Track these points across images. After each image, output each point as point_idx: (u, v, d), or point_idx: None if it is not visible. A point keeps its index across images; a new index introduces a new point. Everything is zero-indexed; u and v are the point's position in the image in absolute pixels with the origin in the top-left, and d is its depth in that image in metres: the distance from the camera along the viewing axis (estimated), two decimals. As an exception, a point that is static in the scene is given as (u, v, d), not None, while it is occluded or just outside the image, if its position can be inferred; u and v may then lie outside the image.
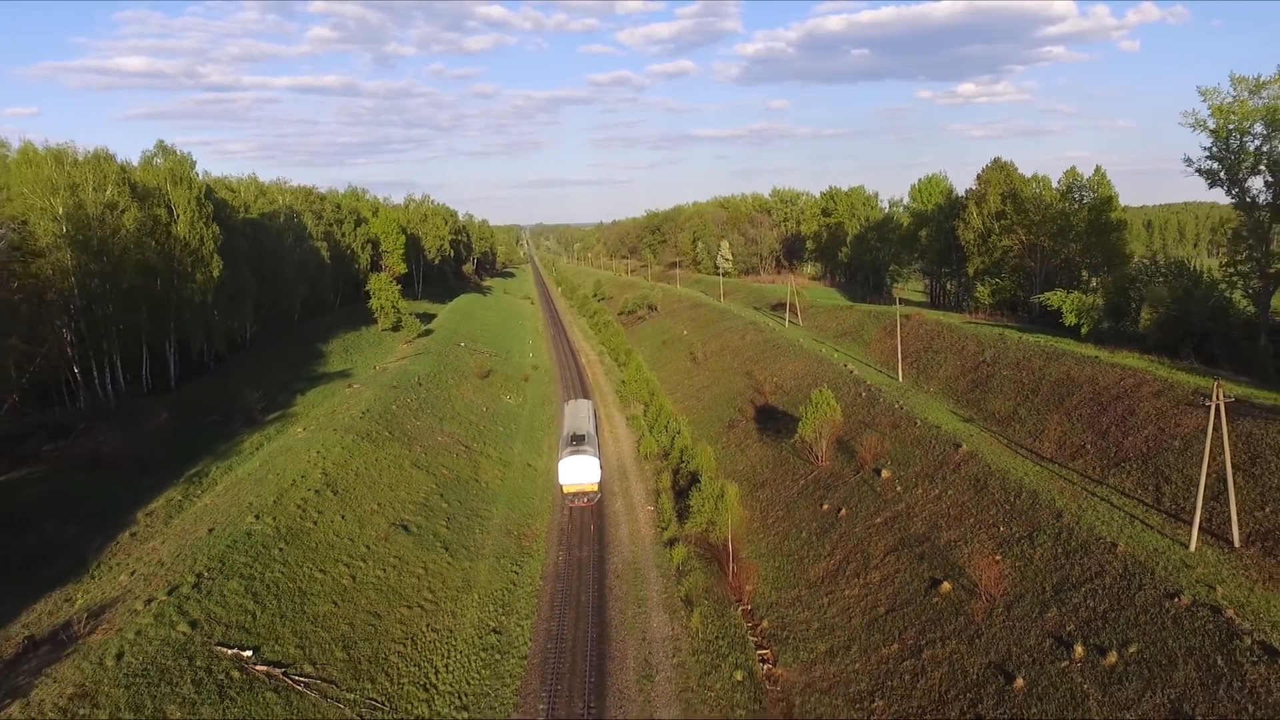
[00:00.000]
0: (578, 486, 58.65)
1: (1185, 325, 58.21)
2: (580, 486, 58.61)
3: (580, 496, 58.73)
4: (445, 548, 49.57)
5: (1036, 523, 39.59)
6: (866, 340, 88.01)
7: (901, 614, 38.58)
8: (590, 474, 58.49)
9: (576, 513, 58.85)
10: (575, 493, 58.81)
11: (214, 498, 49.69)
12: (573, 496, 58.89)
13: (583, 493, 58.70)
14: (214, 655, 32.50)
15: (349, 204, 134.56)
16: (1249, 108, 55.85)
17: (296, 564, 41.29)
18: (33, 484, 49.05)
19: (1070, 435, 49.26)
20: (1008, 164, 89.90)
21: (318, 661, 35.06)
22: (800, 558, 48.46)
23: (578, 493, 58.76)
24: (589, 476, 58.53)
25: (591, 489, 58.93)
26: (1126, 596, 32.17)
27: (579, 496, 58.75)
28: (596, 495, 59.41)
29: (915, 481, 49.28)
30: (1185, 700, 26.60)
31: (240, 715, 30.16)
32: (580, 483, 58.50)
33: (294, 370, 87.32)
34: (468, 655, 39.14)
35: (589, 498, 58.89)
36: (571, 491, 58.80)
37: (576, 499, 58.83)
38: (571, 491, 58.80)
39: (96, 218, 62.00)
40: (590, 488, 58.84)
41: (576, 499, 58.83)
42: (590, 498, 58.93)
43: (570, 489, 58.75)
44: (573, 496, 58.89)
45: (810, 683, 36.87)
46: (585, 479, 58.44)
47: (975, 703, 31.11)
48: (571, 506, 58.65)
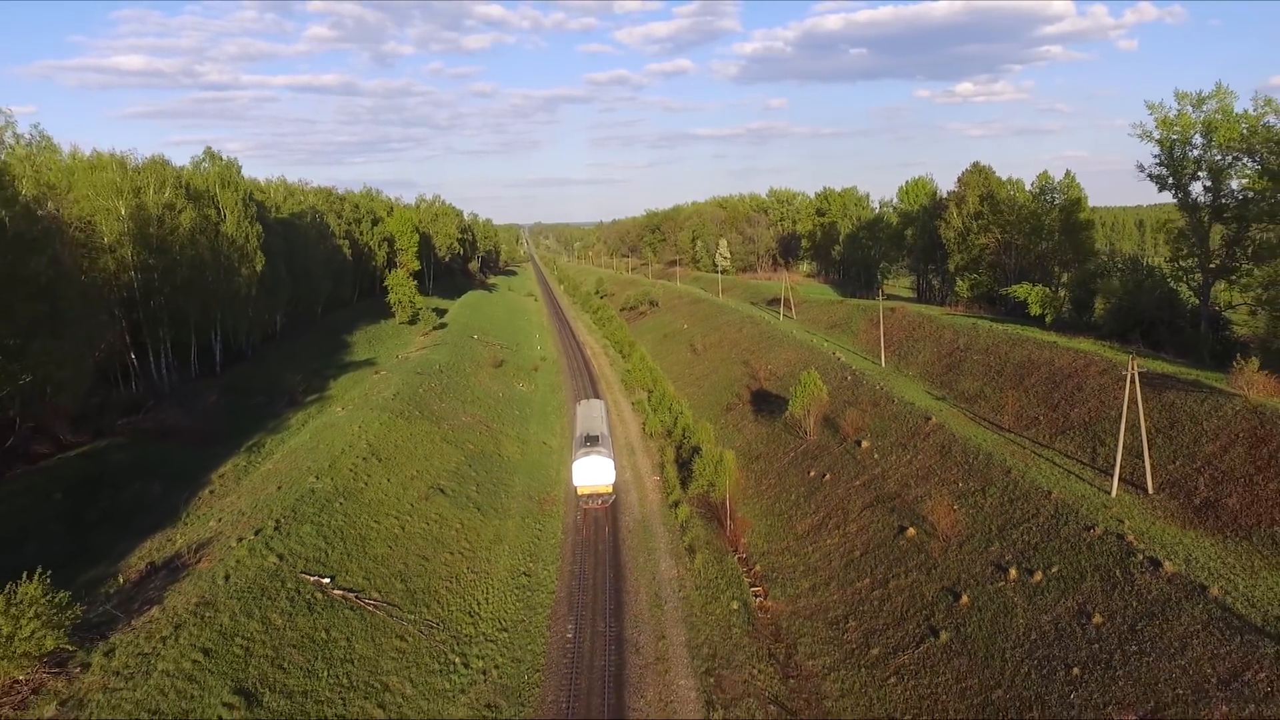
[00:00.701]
0: (592, 488, 58.14)
1: (1135, 314, 65.07)
2: (595, 488, 58.12)
3: (595, 498, 58.27)
4: (477, 508, 56.32)
5: (989, 479, 46.43)
6: (854, 331, 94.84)
7: (873, 555, 45.40)
8: (605, 475, 57.79)
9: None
10: (590, 494, 58.38)
11: (274, 463, 56.46)
12: (587, 498, 58.40)
13: (597, 494, 58.23)
14: (299, 581, 39.23)
15: (366, 204, 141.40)
16: (1190, 120, 62.64)
17: (354, 515, 48.00)
18: (116, 452, 55.77)
19: (1026, 408, 56.15)
20: (986, 168, 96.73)
21: (381, 590, 41.77)
22: (789, 516, 55.28)
23: (592, 494, 58.32)
24: (604, 478, 57.77)
25: (606, 490, 58.18)
26: (1054, 531, 39.02)
27: (593, 498, 58.31)
28: (611, 497, 58.69)
29: (890, 449, 56.09)
30: (1089, 603, 33.43)
31: (327, 625, 36.87)
32: (595, 484, 57.97)
33: (323, 358, 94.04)
34: (503, 592, 45.87)
35: (604, 499, 58.25)
36: (586, 493, 58.32)
37: (591, 500, 58.33)
38: (586, 493, 58.32)
39: (156, 218, 68.60)
40: (605, 489, 58.14)
41: (591, 500, 58.33)
42: (605, 499, 58.31)
43: (585, 490, 58.23)
44: (587, 498, 58.40)
45: (795, 611, 43.69)
46: (600, 480, 57.78)
47: (929, 617, 37.92)
48: (586, 508, 58.26)
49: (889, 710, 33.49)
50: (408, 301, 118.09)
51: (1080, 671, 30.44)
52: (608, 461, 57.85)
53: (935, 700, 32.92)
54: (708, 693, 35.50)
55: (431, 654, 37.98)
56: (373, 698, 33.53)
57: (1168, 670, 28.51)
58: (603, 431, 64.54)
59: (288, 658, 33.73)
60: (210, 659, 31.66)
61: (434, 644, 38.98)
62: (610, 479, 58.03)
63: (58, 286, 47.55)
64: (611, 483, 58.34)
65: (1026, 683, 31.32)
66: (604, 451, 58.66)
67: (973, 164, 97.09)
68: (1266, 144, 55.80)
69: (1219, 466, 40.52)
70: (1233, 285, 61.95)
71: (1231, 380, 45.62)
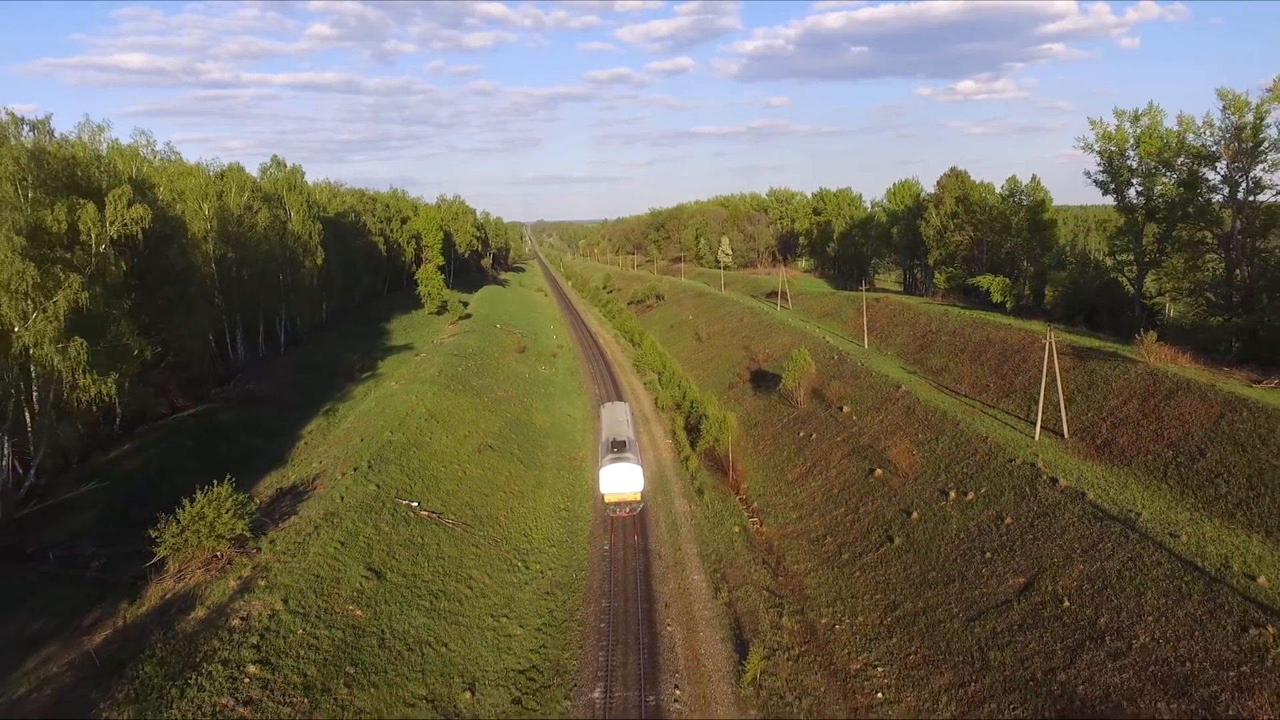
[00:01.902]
0: (619, 496, 54.41)
1: (1079, 301, 75.77)
2: (622, 496, 54.40)
3: (622, 506, 54.64)
4: (520, 461, 67.18)
5: (942, 430, 57.23)
6: (843, 319, 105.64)
7: (848, 491, 56.22)
8: (633, 482, 54.28)
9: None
10: (617, 502, 54.65)
11: (351, 423, 67.35)
12: (614, 506, 54.73)
13: (625, 502, 54.58)
14: (395, 503, 50.08)
15: (395, 204, 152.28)
16: (1125, 134, 73.23)
17: (425, 461, 58.87)
18: (218, 414, 66.69)
19: (980, 378, 66.99)
20: (962, 172, 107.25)
21: (455, 514, 52.62)
22: (781, 467, 66.10)
23: (619, 502, 54.61)
24: (632, 485, 54.22)
25: (634, 498, 54.49)
26: (985, 464, 49.84)
27: (621, 506, 54.65)
28: (640, 505, 54.98)
29: (866, 412, 66.89)
30: (1004, 510, 44.24)
31: (421, 534, 47.72)
32: (623, 492, 54.32)
33: (369, 342, 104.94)
34: (549, 520, 56.72)
35: (631, 507, 54.66)
36: (613, 501, 54.61)
37: (618, 509, 54.69)
38: (613, 501, 54.61)
39: (236, 217, 79.44)
40: (633, 497, 54.43)
41: (618, 509, 54.69)
42: (633, 507, 54.69)
43: (612, 499, 54.53)
44: (614, 506, 54.73)
45: (784, 533, 54.53)
46: (628, 488, 54.21)
47: (887, 529, 48.72)
48: (614, 516, 54.99)
49: (852, 592, 44.32)
50: (436, 294, 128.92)
51: (991, 554, 41.27)
52: (636, 469, 54.59)
53: (887, 583, 43.72)
54: (715, 583, 46.30)
55: (500, 558, 48.90)
56: (462, 582, 44.42)
57: (1049, 547, 39.33)
58: (629, 436, 61.07)
59: (396, 552, 44.62)
60: (345, 547, 42.54)
61: (501, 552, 49.90)
62: (639, 486, 54.53)
63: (185, 274, 58.31)
64: (640, 490, 54.72)
65: (952, 566, 42.15)
66: (631, 458, 55.68)
67: (950, 169, 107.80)
68: (1179, 157, 66.38)
69: (1118, 415, 51.35)
70: (1159, 276, 72.56)
71: (1136, 349, 56.42)
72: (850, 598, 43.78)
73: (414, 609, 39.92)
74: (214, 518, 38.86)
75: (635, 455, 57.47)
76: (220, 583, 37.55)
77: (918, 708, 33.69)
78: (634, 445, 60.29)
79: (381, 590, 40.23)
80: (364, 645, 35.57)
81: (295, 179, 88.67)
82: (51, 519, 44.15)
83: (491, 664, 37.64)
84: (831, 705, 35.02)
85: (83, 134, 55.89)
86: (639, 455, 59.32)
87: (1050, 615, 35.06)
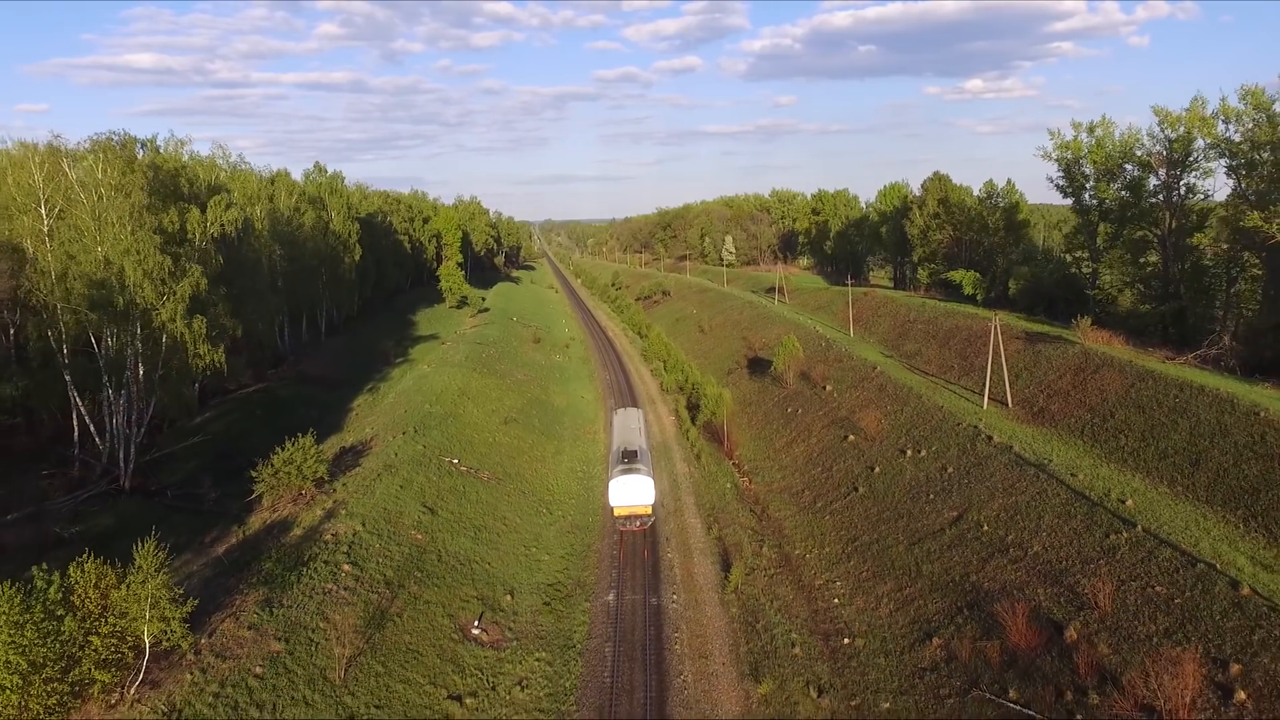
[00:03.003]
0: (629, 509, 51.64)
1: (1040, 292, 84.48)
2: (633, 509, 51.67)
3: (633, 520, 51.84)
4: (540, 433, 76.43)
5: (906, 402, 66.17)
6: (834, 311, 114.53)
7: (824, 454, 65.23)
8: (644, 495, 51.66)
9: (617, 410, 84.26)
10: (626, 515, 51.70)
11: (393, 399, 76.77)
12: (624, 520, 51.80)
13: (635, 516, 51.85)
14: (439, 459, 59.36)
15: (417, 205, 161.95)
16: (1081, 144, 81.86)
17: (461, 428, 68.16)
18: (277, 390, 76.23)
19: (946, 360, 75.91)
20: (944, 176, 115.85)
21: (489, 470, 61.83)
22: (770, 437, 75.14)
23: (629, 515, 51.76)
24: (643, 498, 51.66)
25: (645, 512, 51.81)
26: (938, 428, 58.77)
27: (631, 520, 51.82)
28: (651, 519, 52.38)
29: (845, 390, 75.84)
30: (948, 463, 53.19)
31: (462, 484, 56.96)
32: (633, 505, 51.61)
33: (399, 332, 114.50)
34: (567, 478, 65.92)
35: (642, 521, 51.94)
36: (623, 514, 51.72)
37: (629, 522, 51.82)
38: (623, 514, 51.72)
39: (286, 217, 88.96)
40: (644, 510, 51.76)
41: (629, 522, 51.82)
42: (644, 521, 52.00)
43: (621, 512, 51.68)
44: (624, 520, 51.80)
45: (769, 489, 63.60)
46: (638, 500, 51.63)
47: (854, 482, 57.69)
48: (623, 530, 52.17)
49: (821, 530, 53.37)
50: (457, 289, 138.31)
51: (934, 496, 50.27)
52: (647, 480, 52.05)
53: (850, 522, 52.74)
54: (708, 524, 55.35)
55: (527, 505, 58.17)
56: (498, 520, 53.68)
57: (979, 489, 48.30)
58: (641, 446, 58.31)
59: (444, 496, 53.91)
60: (403, 490, 51.87)
61: (528, 501, 59.18)
62: (650, 499, 51.95)
63: (255, 267, 67.71)
64: (651, 503, 52.11)
65: (902, 506, 51.14)
66: (643, 469, 52.87)
67: (934, 173, 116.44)
68: (1126, 165, 75.04)
69: (1053, 387, 60.26)
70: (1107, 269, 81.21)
71: (1074, 332, 65.26)
72: (819, 534, 52.86)
73: (462, 536, 49.23)
74: (301, 462, 48.23)
75: (647, 466, 54.22)
76: (308, 512, 46.95)
77: (864, 607, 42.76)
78: (646, 455, 56.70)
79: (435, 522, 49.55)
80: (426, 559, 44.88)
81: (336, 183, 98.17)
82: (162, 466, 53.69)
83: (525, 578, 46.90)
84: (797, 607, 44.11)
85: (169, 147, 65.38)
86: (651, 466, 56.02)
87: (972, 537, 44.08)
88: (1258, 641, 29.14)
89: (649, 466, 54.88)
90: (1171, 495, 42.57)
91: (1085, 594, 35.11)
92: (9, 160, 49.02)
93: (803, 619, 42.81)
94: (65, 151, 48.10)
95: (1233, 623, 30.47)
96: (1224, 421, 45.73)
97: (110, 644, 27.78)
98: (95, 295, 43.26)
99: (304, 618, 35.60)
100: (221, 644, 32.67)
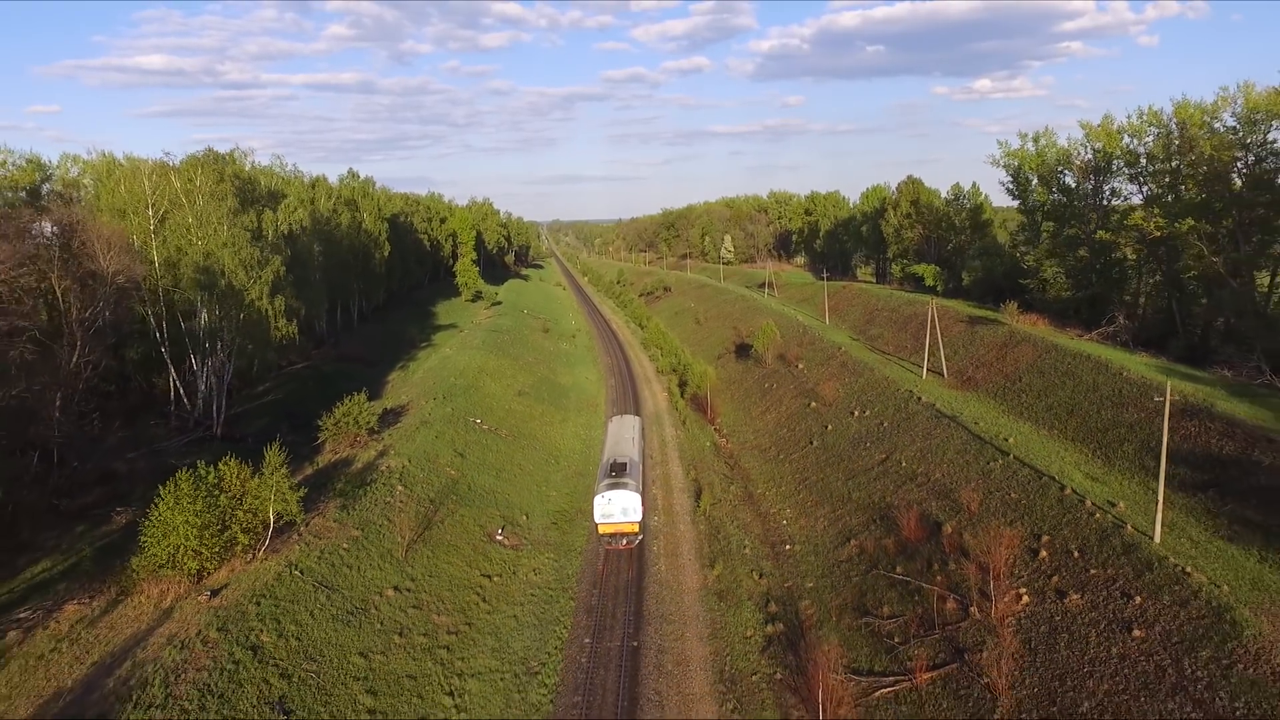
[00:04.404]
0: (614, 526, 47.87)
1: (990, 283, 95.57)
2: (618, 526, 47.88)
3: (618, 538, 48.03)
4: (550, 404, 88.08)
5: (860, 373, 77.53)
6: (816, 303, 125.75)
7: (791, 418, 76.65)
8: (630, 512, 47.89)
9: (616, 387, 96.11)
10: (611, 533, 47.93)
11: (422, 374, 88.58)
12: (609, 538, 48.07)
13: (621, 534, 48.05)
14: (465, 419, 71.07)
15: (435, 206, 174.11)
16: (1027, 152, 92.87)
17: (481, 397, 79.85)
18: (322, 367, 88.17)
19: (902, 340, 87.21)
20: (917, 180, 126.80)
21: (506, 430, 73.53)
22: (749, 408, 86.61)
23: (614, 533, 47.96)
24: (629, 515, 47.94)
25: (631, 529, 47.92)
26: (882, 393, 70.12)
27: (616, 538, 48.02)
28: (638, 538, 48.54)
29: (813, 367, 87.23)
30: (885, 419, 64.57)
31: (485, 439, 68.62)
32: (618, 522, 47.92)
33: (422, 321, 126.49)
34: (572, 440, 77.50)
35: (629, 539, 48.14)
36: (607, 532, 47.96)
37: (614, 541, 48.01)
38: (607, 532, 47.96)
39: (325, 218, 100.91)
40: (629, 528, 47.90)
41: (614, 541, 48.01)
42: (631, 539, 48.14)
43: (606, 529, 47.93)
44: (609, 538, 48.07)
45: (742, 447, 75.07)
46: (624, 517, 47.99)
47: (811, 437, 69.08)
48: (609, 549, 48.45)
49: (780, 474, 64.79)
50: (472, 284, 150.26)
51: (870, 444, 61.65)
52: (634, 497, 48.17)
53: (803, 468, 64.14)
54: (687, 469, 66.80)
55: (539, 457, 69.82)
56: (515, 466, 65.30)
57: (906, 437, 59.64)
58: (632, 458, 54.32)
59: (470, 446, 65.58)
60: (438, 439, 63.58)
61: (539, 454, 70.86)
62: (637, 516, 48.04)
63: (307, 260, 79.48)
64: (639, 520, 48.10)
65: (845, 453, 62.52)
66: (630, 484, 49.25)
67: (907, 176, 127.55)
68: (1062, 172, 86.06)
69: (981, 360, 71.52)
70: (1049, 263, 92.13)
71: (1002, 314, 76.48)
72: (779, 477, 64.37)
73: (486, 475, 60.92)
74: (356, 414, 60.05)
75: (636, 481, 50.47)
76: (364, 453, 58.72)
77: (805, 525, 54.21)
78: (636, 469, 52.84)
79: (464, 463, 61.26)
80: (459, 487, 56.56)
81: (368, 188, 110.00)
82: (240, 420, 65.61)
83: (537, 506, 58.52)
84: (752, 525, 55.62)
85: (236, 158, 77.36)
86: (641, 480, 52.30)
87: (893, 471, 55.48)
88: (1064, 522, 40.54)
89: (639, 481, 50.58)
90: (1047, 436, 53.91)
91: (961, 502, 46.54)
92: (123, 172, 60.92)
93: (756, 534, 54.36)
94: (170, 166, 60.08)
95: (1053, 512, 41.87)
96: (1097, 381, 57.00)
97: (248, 517, 39.52)
98: (202, 279, 55.08)
99: (372, 517, 47.34)
100: (317, 529, 44.42)
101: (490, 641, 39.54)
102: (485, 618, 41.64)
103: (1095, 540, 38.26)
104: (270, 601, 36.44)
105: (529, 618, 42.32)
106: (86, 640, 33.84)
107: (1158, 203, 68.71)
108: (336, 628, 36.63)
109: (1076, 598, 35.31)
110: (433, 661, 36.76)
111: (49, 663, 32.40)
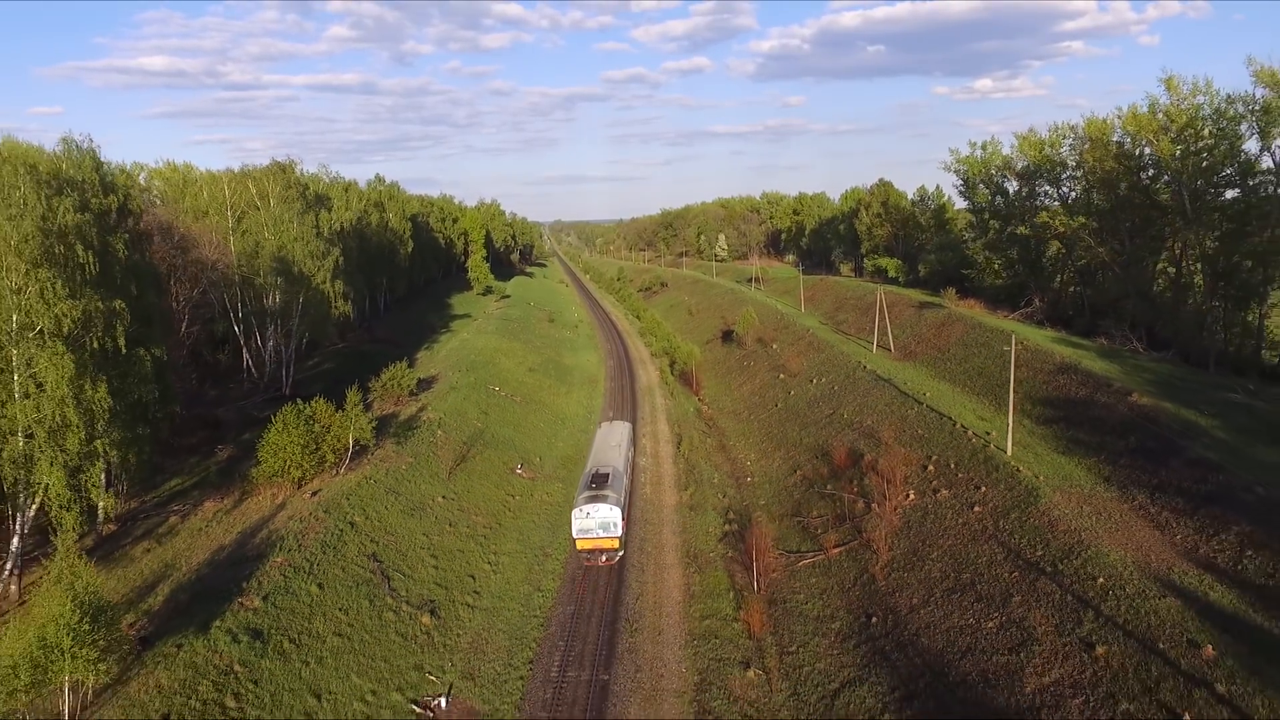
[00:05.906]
0: (592, 543, 45.08)
1: (945, 275, 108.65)
2: (597, 542, 45.06)
3: (596, 555, 45.24)
4: (556, 379, 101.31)
5: (822, 350, 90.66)
6: (796, 295, 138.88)
7: (763, 388, 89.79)
8: (610, 527, 45.09)
9: (614, 368, 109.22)
10: (590, 549, 45.22)
11: (446, 353, 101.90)
12: (588, 554, 45.45)
13: (600, 549, 45.15)
14: (486, 386, 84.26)
15: (447, 207, 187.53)
16: (976, 159, 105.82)
17: (497, 371, 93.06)
18: (360, 347, 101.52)
19: (862, 323, 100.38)
20: (888, 183, 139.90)
21: (519, 396, 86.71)
22: (729, 382, 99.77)
23: (593, 549, 45.19)
24: (608, 530, 45.18)
25: (610, 546, 45.13)
26: (837, 365, 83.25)
27: (595, 555, 45.26)
28: (619, 554, 45.90)
29: (785, 346, 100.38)
30: (836, 384, 77.70)
31: (501, 403, 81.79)
32: (596, 538, 45.14)
33: (440, 311, 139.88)
34: (575, 407, 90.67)
35: (608, 556, 45.35)
36: (585, 548, 45.31)
37: (592, 557, 45.34)
38: (585, 548, 45.31)
39: (357, 217, 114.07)
40: (609, 543, 45.09)
41: (592, 557, 45.34)
42: (610, 556, 45.36)
43: (584, 544, 45.25)
44: (588, 554, 45.45)
45: (721, 412, 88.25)
46: (602, 533, 45.20)
47: (776, 401, 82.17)
48: (588, 564, 45.85)
49: (749, 430, 77.89)
50: (484, 279, 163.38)
51: (821, 403, 74.76)
52: (614, 511, 45.33)
53: (768, 425, 77.23)
54: (672, 427, 79.79)
55: (548, 418, 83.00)
56: (531, 421, 78.49)
57: (850, 400, 72.72)
58: (616, 468, 51.41)
59: (492, 408, 78.78)
60: (465, 400, 76.80)
61: (548, 416, 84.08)
62: (617, 531, 45.25)
63: (348, 253, 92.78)
64: (619, 536, 45.38)
65: (802, 411, 75.59)
66: (611, 497, 46.33)
67: (879, 179, 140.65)
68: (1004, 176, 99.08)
69: (922, 337, 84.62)
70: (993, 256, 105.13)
71: (944, 299, 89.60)
72: (748, 433, 77.56)
73: (506, 428, 74.12)
74: (400, 378, 73.25)
75: (618, 494, 47.52)
76: (406, 409, 71.91)
77: (764, 464, 67.35)
78: (620, 480, 49.70)
79: (487, 419, 74.50)
80: (485, 435, 69.73)
81: (394, 191, 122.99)
82: (301, 385, 78.92)
83: (548, 452, 71.69)
84: (722, 464, 68.80)
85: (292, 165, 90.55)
86: (623, 492, 49.27)
87: (836, 421, 68.59)
88: (950, 446, 53.67)
89: (621, 494, 47.70)
90: (958, 391, 67.01)
91: (881, 438, 59.65)
92: (204, 179, 74.05)
93: (725, 470, 67.58)
94: (248, 174, 73.28)
95: (944, 440, 55.02)
96: (1003, 349, 70.01)
97: (334, 442, 52.71)
98: (278, 267, 68.26)
99: (421, 450, 60.55)
100: (380, 457, 57.61)
101: (515, 535, 52.74)
102: (511, 520, 54.87)
103: (968, 456, 51.41)
104: (356, 499, 49.64)
105: (543, 522, 55.47)
106: (228, 521, 47.06)
107: (1064, 204, 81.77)
108: (404, 518, 49.83)
109: (946, 492, 48.46)
110: (475, 543, 49.98)
111: (206, 533, 45.61)
